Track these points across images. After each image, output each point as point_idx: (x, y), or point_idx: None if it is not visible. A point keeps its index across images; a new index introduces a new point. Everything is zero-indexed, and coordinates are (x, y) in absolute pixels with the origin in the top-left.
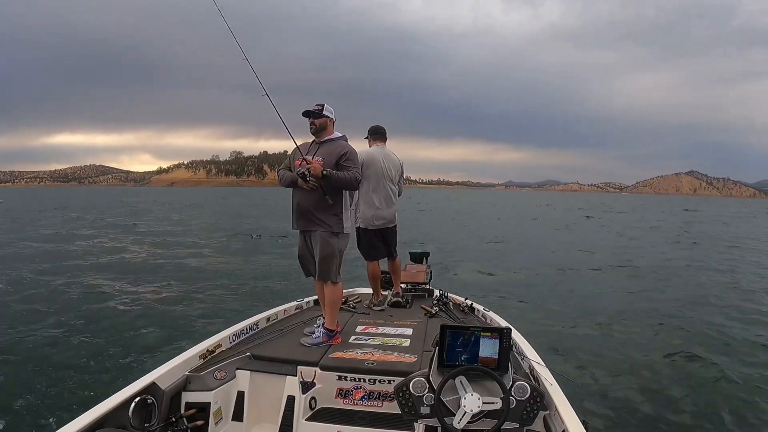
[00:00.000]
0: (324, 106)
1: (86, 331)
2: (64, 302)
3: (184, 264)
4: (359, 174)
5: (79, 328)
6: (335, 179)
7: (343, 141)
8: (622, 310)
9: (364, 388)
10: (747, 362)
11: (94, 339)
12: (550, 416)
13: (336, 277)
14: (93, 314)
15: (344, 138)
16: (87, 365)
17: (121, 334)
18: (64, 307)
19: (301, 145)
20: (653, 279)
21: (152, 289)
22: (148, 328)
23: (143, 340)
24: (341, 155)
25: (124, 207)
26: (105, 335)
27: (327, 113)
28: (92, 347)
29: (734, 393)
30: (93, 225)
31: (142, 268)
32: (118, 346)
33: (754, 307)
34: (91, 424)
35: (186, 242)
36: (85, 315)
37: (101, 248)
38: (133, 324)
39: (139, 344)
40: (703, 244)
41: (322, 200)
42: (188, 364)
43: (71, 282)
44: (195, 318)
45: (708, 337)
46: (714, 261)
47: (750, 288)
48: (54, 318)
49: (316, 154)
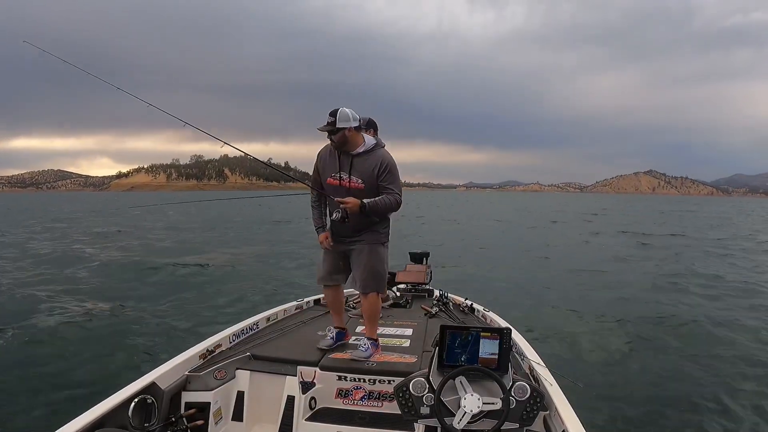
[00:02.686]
0: (337, 115)
1: (86, 331)
2: (62, 301)
3: (183, 264)
4: (400, 193)
5: (78, 327)
6: (375, 211)
7: (381, 150)
8: (622, 310)
9: (363, 388)
10: (751, 362)
11: (94, 338)
12: (550, 416)
13: (384, 288)
14: (92, 314)
15: (380, 144)
16: (87, 364)
17: (121, 333)
18: (63, 307)
19: (329, 152)
20: (655, 279)
21: (152, 288)
22: (148, 327)
23: (143, 340)
24: (380, 171)
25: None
26: (105, 334)
27: (343, 124)
28: (92, 346)
29: (735, 393)
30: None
31: (142, 267)
32: (118, 346)
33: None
34: (91, 423)
35: (186, 242)
36: (85, 315)
37: (85, 251)
38: (132, 323)
39: (139, 344)
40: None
41: (365, 218)
42: (188, 364)
43: (67, 282)
44: (195, 318)
45: (710, 336)
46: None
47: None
48: (53, 317)
49: (352, 172)
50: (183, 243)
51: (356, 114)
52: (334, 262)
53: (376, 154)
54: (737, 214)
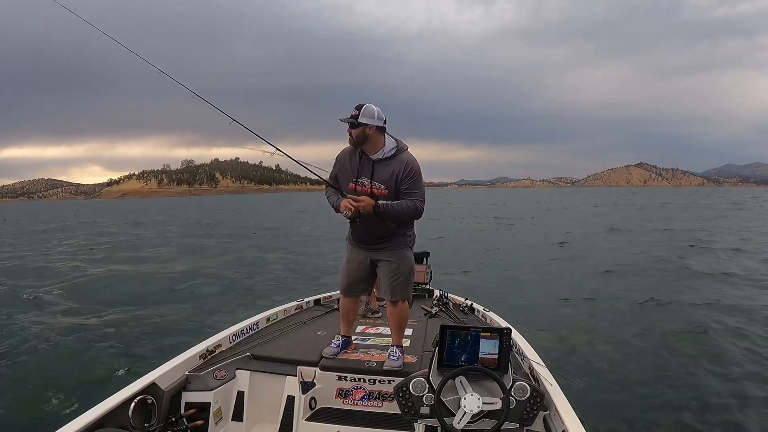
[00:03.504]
0: (362, 109)
1: (86, 331)
2: (62, 302)
3: (183, 263)
4: (422, 200)
5: (78, 327)
6: (391, 215)
7: (404, 153)
8: (623, 310)
9: (364, 388)
10: (754, 361)
11: (95, 338)
12: (550, 416)
13: (410, 296)
14: (92, 314)
15: (403, 148)
16: (87, 364)
17: (121, 333)
18: (62, 307)
19: (348, 155)
20: (656, 279)
21: (152, 288)
22: (148, 327)
23: (143, 340)
24: (403, 176)
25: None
26: (105, 334)
27: (365, 119)
28: (92, 346)
29: (737, 393)
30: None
31: (141, 266)
32: (118, 346)
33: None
34: (91, 423)
35: (186, 243)
36: (85, 314)
37: (92, 255)
38: (132, 323)
39: (139, 344)
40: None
41: (381, 223)
42: (188, 364)
43: (66, 284)
44: (195, 318)
45: (712, 336)
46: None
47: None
48: (53, 317)
49: (374, 177)
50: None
51: (383, 114)
52: (358, 272)
53: (399, 158)
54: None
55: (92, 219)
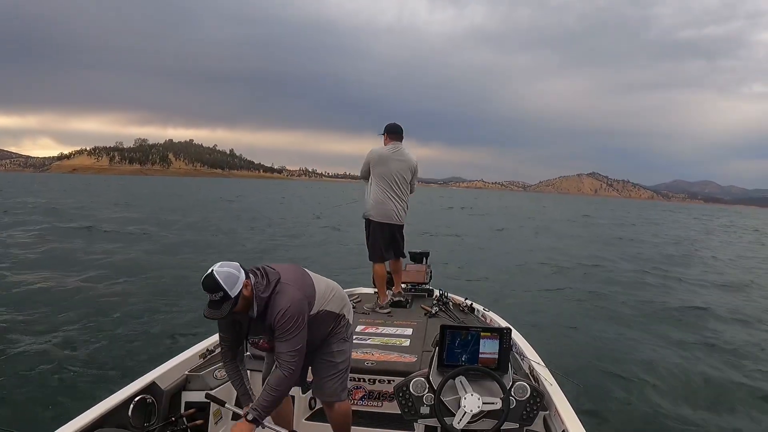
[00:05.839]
0: (224, 290)
1: (86, 330)
2: (61, 301)
3: (183, 263)
4: (296, 353)
5: (78, 327)
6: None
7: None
8: (623, 310)
9: (364, 388)
10: (755, 361)
11: (95, 338)
12: (550, 416)
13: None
14: (93, 314)
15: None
16: (87, 364)
17: (122, 333)
18: (62, 307)
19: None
20: (654, 278)
21: (152, 289)
22: (148, 327)
23: (143, 340)
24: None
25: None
26: (105, 334)
27: (234, 290)
28: (92, 346)
29: (737, 392)
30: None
31: (140, 268)
32: (118, 346)
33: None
34: (91, 423)
35: (185, 238)
36: (85, 315)
37: (87, 247)
38: (133, 323)
39: (139, 343)
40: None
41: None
42: (188, 364)
43: (67, 279)
44: (195, 318)
45: (713, 336)
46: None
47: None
48: (52, 317)
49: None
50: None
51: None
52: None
53: (273, 303)
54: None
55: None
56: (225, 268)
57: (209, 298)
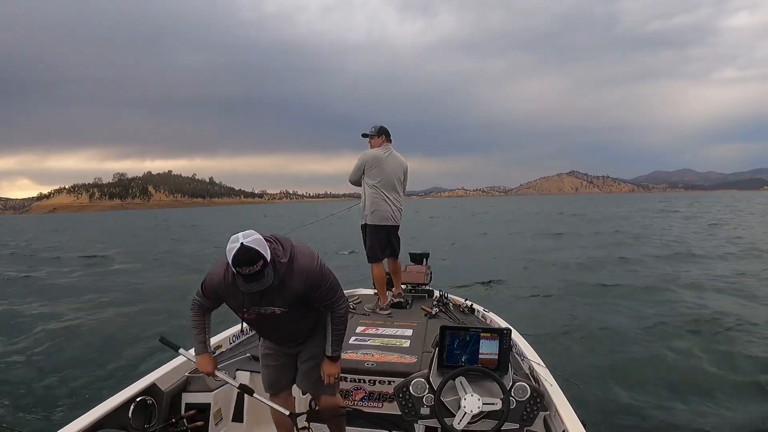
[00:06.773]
0: (263, 256)
1: (87, 332)
2: (63, 303)
3: (183, 263)
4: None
5: (79, 328)
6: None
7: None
8: (623, 309)
9: (364, 388)
10: (756, 362)
11: (95, 339)
12: (550, 417)
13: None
14: (93, 315)
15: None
16: (88, 365)
17: (122, 335)
18: (63, 307)
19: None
20: (654, 279)
21: (151, 288)
22: (148, 329)
23: (144, 341)
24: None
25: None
26: (106, 336)
27: (269, 254)
28: (93, 348)
29: (737, 392)
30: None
31: (141, 267)
32: (118, 347)
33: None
34: (92, 424)
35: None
36: (86, 316)
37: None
38: (133, 325)
39: (139, 345)
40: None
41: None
42: (188, 365)
43: (72, 285)
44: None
45: (713, 335)
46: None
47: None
48: (53, 318)
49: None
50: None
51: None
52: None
53: (295, 267)
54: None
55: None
56: (250, 237)
57: (246, 271)
